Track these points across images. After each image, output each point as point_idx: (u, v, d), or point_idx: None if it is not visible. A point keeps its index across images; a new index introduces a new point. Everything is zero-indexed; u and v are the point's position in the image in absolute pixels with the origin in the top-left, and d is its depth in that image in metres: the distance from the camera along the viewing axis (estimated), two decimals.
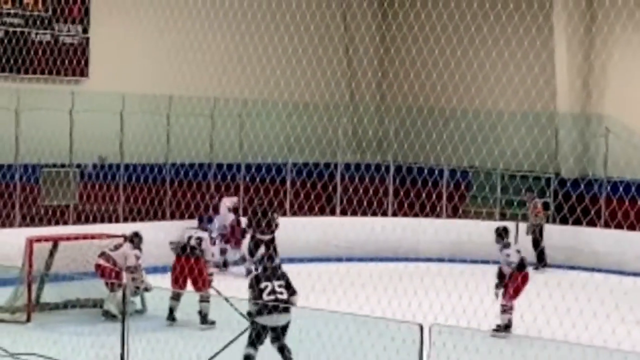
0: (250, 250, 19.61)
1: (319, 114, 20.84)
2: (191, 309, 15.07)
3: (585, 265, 20.87)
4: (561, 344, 11.52)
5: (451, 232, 21.34)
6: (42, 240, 15.74)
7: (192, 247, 15.48)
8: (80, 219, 20.32)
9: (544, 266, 21.14)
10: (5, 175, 19.71)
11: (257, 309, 12.35)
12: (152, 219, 19.71)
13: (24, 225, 19.45)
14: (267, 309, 12.41)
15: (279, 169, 22.74)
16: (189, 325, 14.70)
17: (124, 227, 16.67)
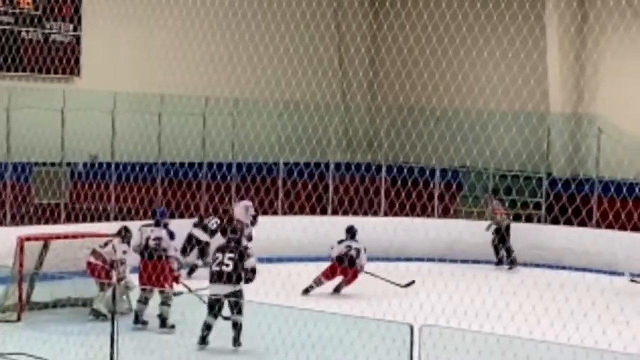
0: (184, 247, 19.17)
1: (311, 113, 20.77)
2: (179, 308, 14.90)
3: (576, 265, 20.87)
4: (552, 345, 11.52)
5: (442, 232, 21.34)
6: (33, 239, 15.64)
7: (152, 250, 15.09)
8: (71, 218, 20.27)
9: (509, 264, 21.14)
10: None
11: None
12: (143, 218, 19.65)
13: (14, 224, 19.40)
14: (213, 278, 13.57)
15: (271, 168, 22.72)
16: (178, 324, 14.62)
17: (116, 226, 16.59)
